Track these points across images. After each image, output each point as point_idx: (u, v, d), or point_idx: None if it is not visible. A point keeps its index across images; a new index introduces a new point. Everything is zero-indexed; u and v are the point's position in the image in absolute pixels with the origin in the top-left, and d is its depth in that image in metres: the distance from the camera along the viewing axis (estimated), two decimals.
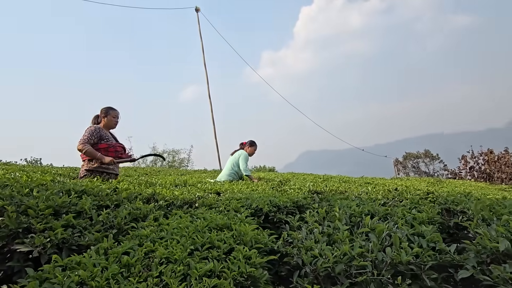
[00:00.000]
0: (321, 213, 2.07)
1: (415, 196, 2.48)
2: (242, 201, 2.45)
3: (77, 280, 1.20)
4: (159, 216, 2.09)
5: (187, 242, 1.60)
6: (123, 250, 1.47)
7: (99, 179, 3.26)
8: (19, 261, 1.52)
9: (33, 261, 1.54)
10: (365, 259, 1.50)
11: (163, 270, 1.35)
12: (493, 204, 2.14)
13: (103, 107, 4.04)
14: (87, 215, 1.87)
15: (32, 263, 1.53)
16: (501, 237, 1.46)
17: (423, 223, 1.87)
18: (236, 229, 1.76)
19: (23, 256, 1.54)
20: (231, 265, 1.43)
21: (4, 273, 1.49)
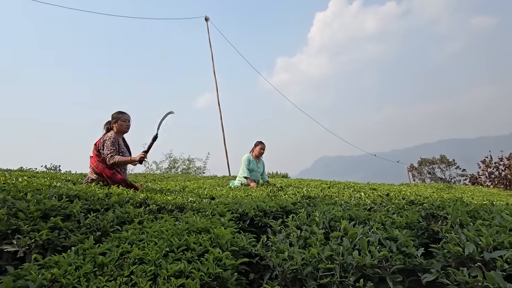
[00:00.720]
0: (302, 218, 2.11)
1: (401, 201, 2.47)
2: (229, 205, 2.50)
3: (50, 277, 1.28)
4: (145, 219, 2.17)
5: (163, 244, 1.67)
6: (100, 251, 1.55)
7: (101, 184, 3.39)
8: (8, 260, 1.63)
9: (21, 261, 1.64)
10: (334, 262, 1.53)
11: (135, 270, 1.43)
12: (478, 210, 2.12)
13: (113, 112, 4.01)
14: (75, 218, 1.97)
15: (20, 263, 1.63)
16: (468, 242, 1.46)
17: (400, 228, 1.88)
18: (214, 232, 1.82)
19: (11, 256, 1.64)
20: (201, 266, 1.48)
21: None
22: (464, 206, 2.17)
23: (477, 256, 1.37)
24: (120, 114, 3.94)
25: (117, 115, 3.93)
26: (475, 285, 1.19)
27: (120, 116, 3.92)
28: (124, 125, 3.93)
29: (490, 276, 1.15)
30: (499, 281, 1.13)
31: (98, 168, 3.67)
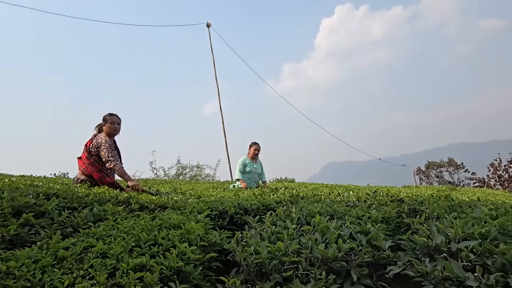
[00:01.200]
0: (279, 214, 2.07)
1: (384, 198, 2.42)
2: (210, 203, 2.48)
3: (5, 269, 1.27)
4: (122, 217, 2.16)
5: (131, 240, 1.65)
6: (64, 245, 1.54)
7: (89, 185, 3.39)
8: None
9: None
10: (300, 255, 1.49)
11: (94, 263, 1.41)
12: (461, 204, 2.06)
13: (105, 114, 3.91)
14: (49, 215, 1.97)
15: None
16: (438, 233, 1.41)
17: (376, 222, 1.83)
18: (185, 228, 1.79)
19: None
20: (164, 260, 1.46)
21: None
22: (449, 202, 2.10)
23: (444, 247, 1.31)
24: (109, 116, 3.84)
25: (107, 117, 3.85)
26: (435, 275, 1.14)
27: (108, 118, 3.83)
28: (112, 128, 3.81)
29: (448, 265, 1.11)
30: (457, 271, 1.08)
31: (87, 171, 3.64)
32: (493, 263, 1.18)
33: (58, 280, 1.26)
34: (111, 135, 3.86)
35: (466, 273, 1.11)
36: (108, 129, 3.80)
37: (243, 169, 5.65)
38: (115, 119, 3.85)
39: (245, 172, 5.65)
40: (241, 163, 5.69)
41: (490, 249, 1.22)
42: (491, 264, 1.17)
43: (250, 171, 5.67)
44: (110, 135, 3.85)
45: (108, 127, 3.80)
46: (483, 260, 1.21)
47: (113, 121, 3.82)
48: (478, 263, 1.22)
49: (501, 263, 1.17)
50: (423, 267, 1.18)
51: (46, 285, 1.23)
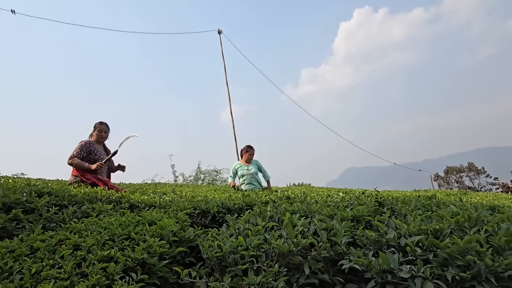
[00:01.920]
0: (255, 212, 2.13)
1: (364, 199, 2.43)
2: (195, 203, 2.56)
3: None
4: (110, 214, 2.27)
5: (106, 234, 1.75)
6: (41, 238, 1.65)
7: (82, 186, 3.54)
8: None
9: None
10: (260, 250, 1.54)
11: (65, 254, 1.51)
12: (438, 203, 2.05)
13: (96, 122, 4.25)
14: (38, 212, 2.10)
15: None
16: (391, 229, 1.43)
17: (346, 220, 1.85)
18: (159, 224, 1.88)
19: None
20: (131, 253, 1.55)
21: None
22: (424, 201, 2.10)
23: (393, 242, 1.34)
24: (98, 124, 4.18)
25: (95, 124, 4.19)
26: (374, 267, 1.17)
27: (97, 126, 4.16)
28: (99, 135, 4.14)
29: (384, 258, 1.13)
30: (390, 262, 1.11)
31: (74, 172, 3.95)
32: (434, 257, 1.19)
33: (27, 268, 1.37)
34: (98, 141, 4.18)
35: (406, 266, 1.13)
36: (96, 136, 4.15)
37: (235, 175, 5.88)
38: (103, 128, 4.19)
39: (239, 176, 5.84)
40: (232, 168, 5.92)
41: (434, 244, 1.23)
42: (432, 258, 1.18)
43: (242, 174, 5.81)
44: (98, 141, 4.17)
45: (96, 134, 4.15)
46: (427, 255, 1.22)
47: (100, 129, 4.17)
48: (423, 257, 1.24)
49: (442, 257, 1.18)
50: (363, 259, 1.21)
51: (14, 271, 1.34)
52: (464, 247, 1.15)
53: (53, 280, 1.31)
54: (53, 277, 1.33)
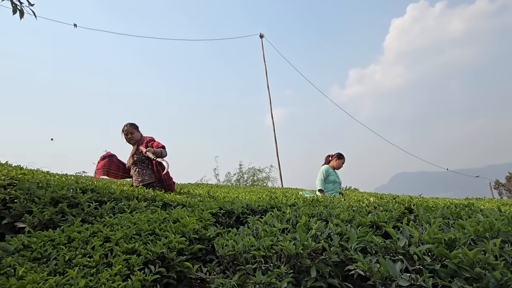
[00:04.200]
0: (275, 214, 2.16)
1: (393, 205, 2.34)
2: (221, 203, 2.66)
3: (26, 243, 1.61)
4: (142, 211, 2.46)
5: (134, 229, 1.91)
6: (78, 230, 1.86)
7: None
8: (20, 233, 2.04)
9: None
10: (271, 251, 1.58)
11: (95, 245, 1.68)
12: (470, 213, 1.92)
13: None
14: (81, 206, 2.34)
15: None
16: (404, 236, 1.39)
17: (364, 226, 1.82)
18: (181, 222, 2.00)
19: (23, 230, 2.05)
20: (152, 247, 1.68)
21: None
22: (452, 209, 1.98)
23: (401, 249, 1.30)
24: (122, 128, 4.19)
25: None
26: (374, 272, 1.16)
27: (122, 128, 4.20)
28: (125, 138, 4.18)
29: (384, 264, 1.11)
30: (389, 269, 1.09)
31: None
32: (442, 267, 1.14)
33: (62, 255, 1.55)
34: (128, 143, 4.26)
35: (406, 274, 1.11)
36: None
37: (326, 178, 5.29)
38: (123, 131, 4.19)
39: (328, 182, 5.30)
40: (324, 170, 5.30)
41: (444, 253, 1.18)
42: (439, 268, 1.13)
43: (334, 180, 5.32)
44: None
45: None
46: (435, 264, 1.18)
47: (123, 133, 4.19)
48: (431, 267, 1.19)
49: (451, 268, 1.13)
50: (364, 265, 1.19)
51: (51, 258, 1.53)
52: (474, 258, 1.09)
53: (82, 267, 1.48)
54: (82, 265, 1.50)
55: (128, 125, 4.17)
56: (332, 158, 5.54)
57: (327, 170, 5.35)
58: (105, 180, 4.83)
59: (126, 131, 4.15)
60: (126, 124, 4.20)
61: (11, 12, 2.76)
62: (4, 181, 2.47)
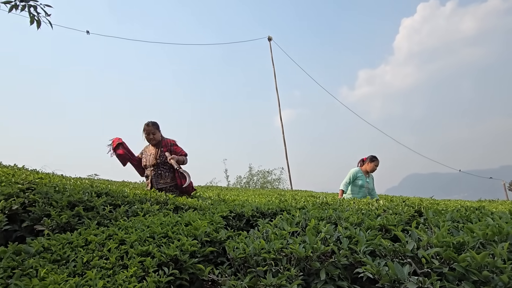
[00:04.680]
0: (284, 217, 2.20)
1: (403, 207, 2.35)
2: (232, 206, 2.71)
3: (46, 246, 1.68)
4: (155, 214, 2.52)
5: (148, 232, 1.97)
6: (94, 233, 1.92)
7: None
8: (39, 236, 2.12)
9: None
10: (281, 254, 1.62)
11: (111, 247, 1.74)
12: (480, 216, 1.92)
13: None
14: (96, 210, 2.42)
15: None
16: (413, 240, 1.41)
17: (373, 229, 1.84)
18: (193, 225, 2.05)
19: (42, 233, 2.13)
20: (166, 249, 1.73)
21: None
22: (461, 213, 1.98)
23: (409, 253, 1.32)
24: (144, 126, 4.04)
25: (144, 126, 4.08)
26: (384, 275, 1.18)
27: (143, 127, 4.06)
28: (145, 138, 4.07)
29: (391, 267, 1.14)
30: (397, 272, 1.11)
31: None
32: (450, 270, 1.16)
33: (80, 257, 1.62)
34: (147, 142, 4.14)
35: (414, 277, 1.13)
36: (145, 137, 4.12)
37: (352, 181, 5.15)
38: (144, 130, 4.05)
39: (355, 185, 5.15)
40: (352, 173, 5.15)
41: (452, 257, 1.20)
42: (448, 271, 1.15)
43: (362, 185, 5.13)
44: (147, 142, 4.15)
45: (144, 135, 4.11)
46: (443, 268, 1.20)
47: (143, 130, 4.06)
48: (439, 270, 1.21)
49: (459, 271, 1.15)
50: (372, 268, 1.22)
51: (70, 260, 1.60)
52: (482, 261, 1.11)
53: (99, 268, 1.54)
54: (99, 266, 1.56)
55: (151, 124, 4.04)
56: (365, 162, 5.32)
57: (355, 173, 5.18)
58: (118, 183, 4.93)
59: (148, 130, 4.02)
60: (148, 122, 4.04)
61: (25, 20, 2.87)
62: (23, 185, 2.57)
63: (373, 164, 5.23)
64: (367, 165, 5.26)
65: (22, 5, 2.77)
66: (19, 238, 2.14)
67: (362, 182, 5.14)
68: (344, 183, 5.15)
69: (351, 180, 5.14)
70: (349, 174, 5.18)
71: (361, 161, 5.39)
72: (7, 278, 1.40)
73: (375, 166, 5.25)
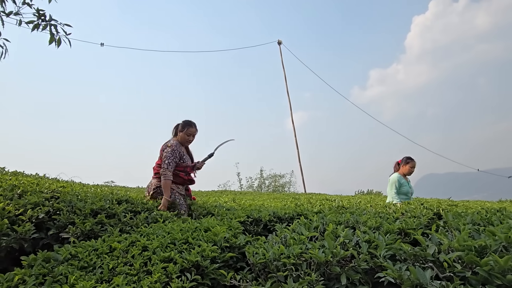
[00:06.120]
0: (302, 221, 2.21)
1: (422, 210, 2.34)
2: (249, 212, 2.74)
3: (73, 253, 1.75)
4: (174, 220, 2.58)
5: (168, 238, 2.02)
6: (118, 240, 1.99)
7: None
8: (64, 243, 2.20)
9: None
10: (300, 259, 1.64)
11: (135, 254, 1.80)
12: (501, 219, 1.90)
13: (185, 120, 3.64)
14: (117, 217, 2.49)
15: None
16: (433, 244, 1.41)
17: (392, 233, 1.83)
18: (212, 231, 2.09)
19: (67, 241, 2.21)
20: (187, 255, 1.77)
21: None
22: (482, 215, 1.96)
23: (430, 257, 1.32)
24: (187, 126, 3.54)
25: (184, 125, 3.55)
26: (405, 279, 1.19)
27: (186, 128, 3.53)
28: (185, 138, 3.53)
29: (413, 271, 1.15)
30: (419, 277, 1.12)
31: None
32: (472, 274, 1.16)
33: (106, 264, 1.68)
34: (182, 144, 3.60)
35: (437, 282, 1.13)
36: (182, 138, 3.55)
37: (399, 189, 4.66)
38: (192, 132, 3.57)
39: (401, 193, 4.66)
40: (397, 181, 4.66)
41: (474, 261, 1.19)
42: (470, 275, 1.15)
43: (406, 192, 4.69)
44: (182, 143, 3.59)
45: (183, 136, 3.54)
46: (465, 272, 1.19)
47: (189, 133, 3.55)
48: (461, 274, 1.21)
49: (482, 275, 1.14)
50: (394, 272, 1.23)
51: (96, 266, 1.66)
52: (505, 266, 1.10)
53: (125, 275, 1.59)
54: (125, 273, 1.61)
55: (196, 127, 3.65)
56: (401, 164, 4.86)
57: (399, 180, 4.67)
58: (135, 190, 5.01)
59: (195, 133, 3.64)
60: (195, 124, 3.64)
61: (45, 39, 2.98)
62: (47, 194, 2.67)
63: (408, 166, 4.76)
64: (403, 168, 4.80)
65: (44, 25, 2.89)
66: (46, 245, 2.22)
67: (407, 189, 4.69)
68: (395, 194, 4.63)
69: (397, 189, 4.65)
70: (393, 183, 4.68)
71: (396, 165, 4.92)
72: (39, 285, 1.47)
73: (411, 168, 4.79)
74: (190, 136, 3.56)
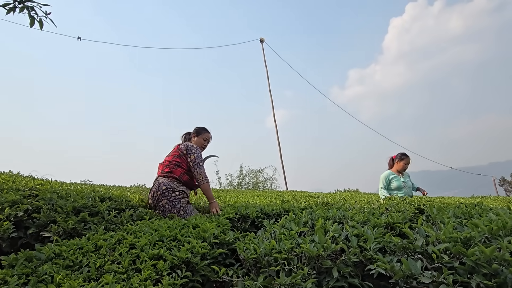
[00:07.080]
0: (290, 217, 2.23)
1: (403, 205, 2.41)
2: (236, 208, 2.73)
3: (57, 252, 1.68)
4: (157, 217, 2.53)
5: (156, 235, 1.98)
6: (103, 237, 1.93)
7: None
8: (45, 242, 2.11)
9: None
10: (292, 253, 1.65)
11: (123, 252, 1.75)
12: (480, 212, 1.98)
13: (198, 126, 3.69)
14: (101, 215, 2.42)
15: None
16: (421, 236, 1.46)
17: (379, 227, 1.88)
18: (201, 227, 2.07)
19: (49, 240, 2.13)
20: (177, 252, 1.75)
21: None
22: (463, 208, 2.05)
23: (420, 249, 1.36)
24: (203, 131, 3.61)
25: (200, 130, 3.61)
26: (397, 270, 1.22)
27: (203, 132, 3.60)
28: (202, 144, 3.57)
29: (405, 263, 1.18)
30: (411, 268, 1.16)
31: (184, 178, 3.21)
32: (460, 264, 1.21)
33: (93, 262, 1.62)
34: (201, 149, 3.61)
35: (428, 272, 1.17)
36: (198, 143, 3.55)
37: (388, 185, 4.74)
38: (209, 137, 3.65)
39: (393, 189, 4.72)
40: (384, 178, 4.76)
41: (461, 251, 1.24)
42: (458, 265, 1.20)
43: (399, 186, 4.70)
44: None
45: (199, 140, 3.56)
46: (453, 262, 1.24)
47: (206, 138, 3.61)
48: (449, 265, 1.26)
49: (469, 265, 1.19)
50: (386, 264, 1.26)
51: (83, 265, 1.60)
52: (491, 255, 1.16)
53: (113, 273, 1.55)
54: (113, 271, 1.57)
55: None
56: (395, 160, 4.91)
57: (387, 176, 4.79)
58: (116, 188, 4.88)
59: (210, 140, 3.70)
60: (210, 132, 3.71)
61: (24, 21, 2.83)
62: (24, 192, 2.55)
63: (402, 163, 4.81)
64: (397, 165, 4.84)
65: (20, 7, 2.75)
66: (25, 245, 2.13)
67: (399, 183, 4.72)
68: (383, 191, 4.74)
69: (385, 185, 4.75)
70: (381, 180, 4.80)
71: (390, 160, 4.99)
72: (22, 285, 1.40)
73: (405, 164, 4.82)
74: (207, 141, 3.63)
